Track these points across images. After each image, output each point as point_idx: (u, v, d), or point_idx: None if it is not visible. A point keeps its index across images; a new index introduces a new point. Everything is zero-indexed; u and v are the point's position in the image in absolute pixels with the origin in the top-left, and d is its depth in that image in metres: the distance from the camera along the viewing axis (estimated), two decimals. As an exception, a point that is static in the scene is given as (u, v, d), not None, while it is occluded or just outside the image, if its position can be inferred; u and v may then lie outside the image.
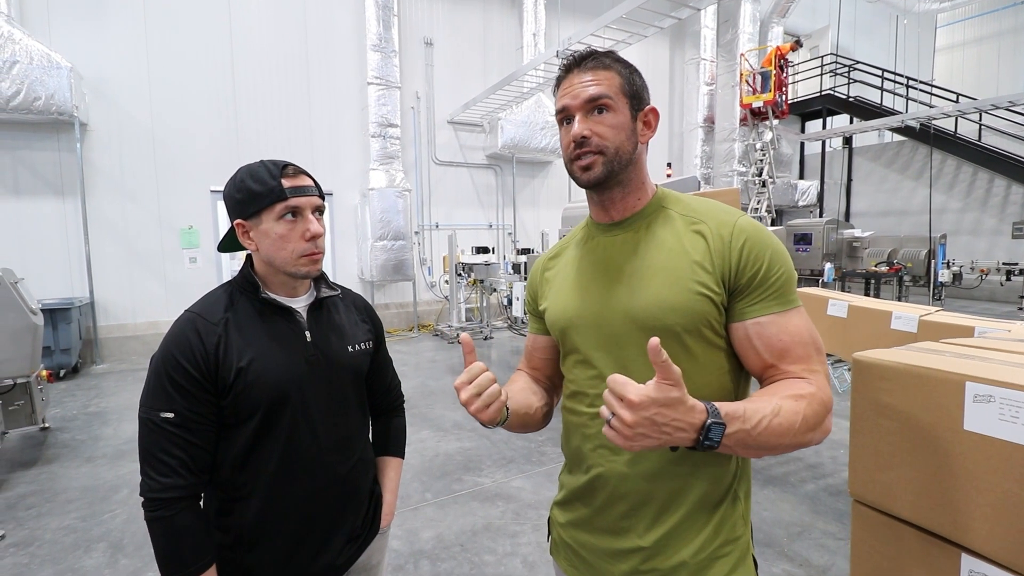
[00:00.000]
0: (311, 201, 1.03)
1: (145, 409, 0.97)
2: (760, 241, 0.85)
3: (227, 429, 1.01)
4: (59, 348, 5.53)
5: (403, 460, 1.35)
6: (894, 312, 2.65)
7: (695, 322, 0.85)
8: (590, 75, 0.87)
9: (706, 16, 10.83)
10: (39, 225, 6.30)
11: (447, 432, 4.04)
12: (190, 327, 0.99)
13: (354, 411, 1.16)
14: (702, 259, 0.86)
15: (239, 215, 1.02)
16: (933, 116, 9.72)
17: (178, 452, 0.95)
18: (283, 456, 1.03)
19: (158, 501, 0.95)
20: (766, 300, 0.84)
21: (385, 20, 7.71)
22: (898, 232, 11.08)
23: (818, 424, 0.78)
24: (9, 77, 5.50)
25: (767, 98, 9.93)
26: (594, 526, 0.95)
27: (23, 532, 2.71)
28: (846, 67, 12.11)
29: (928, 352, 1.33)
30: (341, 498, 1.12)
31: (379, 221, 7.60)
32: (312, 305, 1.12)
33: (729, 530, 0.91)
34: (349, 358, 1.14)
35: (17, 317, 3.34)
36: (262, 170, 1.00)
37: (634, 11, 5.32)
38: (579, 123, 0.87)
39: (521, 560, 2.43)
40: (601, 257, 0.95)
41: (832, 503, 2.89)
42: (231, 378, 0.98)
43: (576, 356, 0.96)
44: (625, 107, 0.88)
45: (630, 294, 0.89)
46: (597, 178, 0.88)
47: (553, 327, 1.00)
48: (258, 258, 1.06)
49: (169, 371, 0.96)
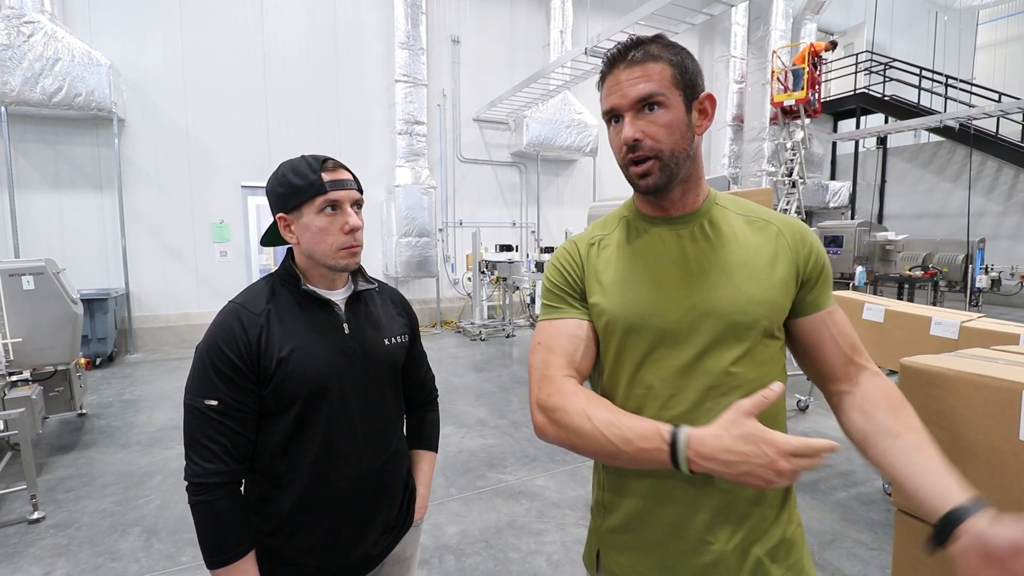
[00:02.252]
0: (350, 195, 1.04)
1: (190, 396, 0.99)
2: (815, 240, 0.92)
3: (268, 418, 1.03)
4: (96, 337, 5.72)
5: (436, 454, 1.37)
6: (934, 318, 2.57)
7: (779, 316, 0.88)
8: (638, 70, 0.81)
9: (737, 13, 10.63)
10: (78, 217, 6.52)
11: (470, 428, 4.05)
12: (234, 317, 1.01)
13: (390, 404, 1.18)
14: (778, 255, 0.88)
15: (281, 209, 1.04)
16: (973, 116, 9.38)
17: (221, 439, 0.98)
18: (321, 446, 1.05)
19: (202, 486, 0.97)
20: (826, 294, 0.91)
21: (414, 18, 7.76)
22: (933, 236, 10.71)
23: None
24: (52, 74, 5.69)
25: (799, 96, 9.68)
26: (668, 548, 0.89)
27: (62, 514, 2.81)
28: (882, 65, 11.75)
29: (980, 359, 1.28)
30: (377, 489, 1.13)
31: (404, 218, 7.66)
32: (350, 298, 1.14)
33: (795, 514, 0.94)
34: (386, 351, 1.15)
35: (59, 306, 3.45)
36: (303, 164, 1.02)
37: (665, 7, 5.23)
38: (629, 125, 0.82)
39: (546, 559, 2.43)
40: (666, 251, 0.89)
41: (864, 512, 2.81)
42: (272, 368, 1.00)
43: (645, 357, 0.88)
44: (679, 100, 0.82)
45: (713, 290, 0.85)
46: (656, 185, 0.84)
47: (615, 324, 0.89)
48: (299, 251, 1.08)
49: (214, 360, 0.98)
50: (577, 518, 2.77)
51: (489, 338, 7.62)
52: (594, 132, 9.19)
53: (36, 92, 5.66)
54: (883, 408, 0.84)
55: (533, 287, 7.27)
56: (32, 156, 6.27)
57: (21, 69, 5.58)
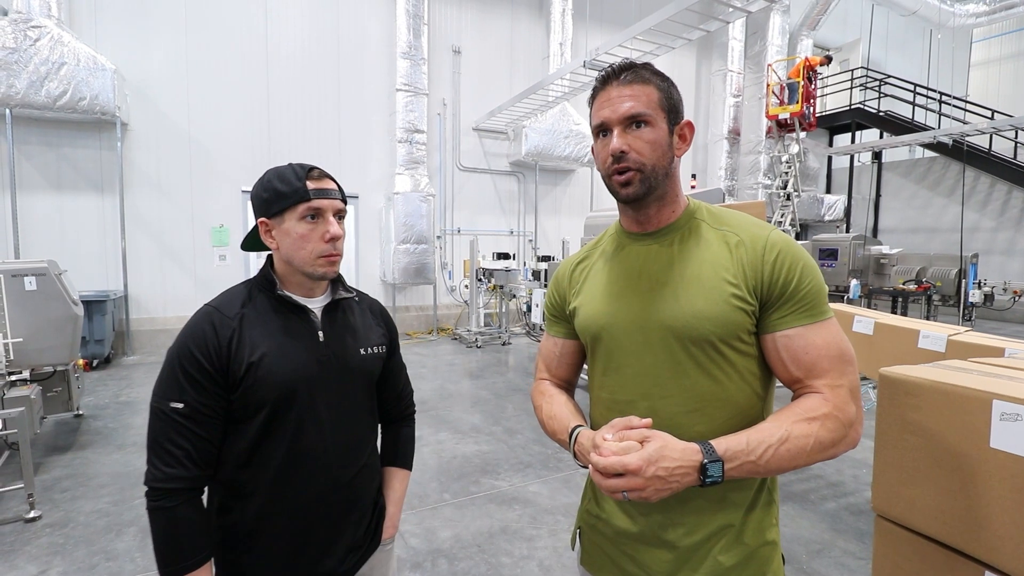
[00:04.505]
0: (333, 204, 1.04)
1: (156, 398, 0.98)
2: (791, 254, 0.88)
3: (234, 424, 1.01)
4: (94, 338, 5.74)
5: (410, 472, 1.33)
6: (922, 331, 2.63)
7: (730, 331, 0.87)
8: (629, 90, 0.88)
9: (734, 28, 10.78)
10: (78, 219, 6.56)
11: (465, 435, 4.08)
12: (206, 320, 1.01)
13: (363, 416, 1.15)
14: (736, 271, 0.88)
15: (263, 213, 1.04)
16: (967, 132, 9.51)
17: (184, 443, 0.96)
18: (287, 456, 1.02)
19: (161, 491, 0.95)
20: (795, 313, 0.86)
21: (415, 28, 7.87)
22: (927, 250, 10.81)
23: (836, 442, 0.82)
24: (57, 77, 5.75)
25: (794, 110, 9.81)
26: (633, 536, 0.97)
27: (59, 514, 2.83)
28: (877, 81, 11.91)
29: (955, 370, 1.33)
30: (344, 504, 1.10)
31: (403, 225, 7.72)
32: (327, 306, 1.13)
33: (764, 531, 0.94)
34: (361, 360, 1.14)
35: (61, 307, 3.49)
36: (289, 172, 1.02)
37: (663, 23, 5.34)
38: (618, 137, 0.88)
39: (537, 564, 2.46)
40: (635, 266, 0.97)
41: (853, 522, 2.85)
42: (242, 372, 0.98)
43: (607, 363, 0.98)
44: (663, 121, 0.89)
45: (665, 304, 0.91)
46: (636, 194, 0.90)
47: (585, 331, 1.01)
48: (278, 257, 1.08)
49: (183, 362, 0.97)
50: (569, 524, 2.80)
51: (485, 345, 7.65)
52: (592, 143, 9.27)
53: (41, 95, 5.72)
54: (787, 409, 0.86)
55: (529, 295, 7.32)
56: (35, 158, 6.31)
57: (27, 72, 5.64)
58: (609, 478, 0.78)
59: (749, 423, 0.87)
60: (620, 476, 0.77)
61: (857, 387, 0.86)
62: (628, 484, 0.76)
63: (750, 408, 0.91)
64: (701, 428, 0.88)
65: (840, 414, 0.82)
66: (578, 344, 1.09)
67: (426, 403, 4.77)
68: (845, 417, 0.82)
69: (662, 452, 0.77)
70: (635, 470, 0.76)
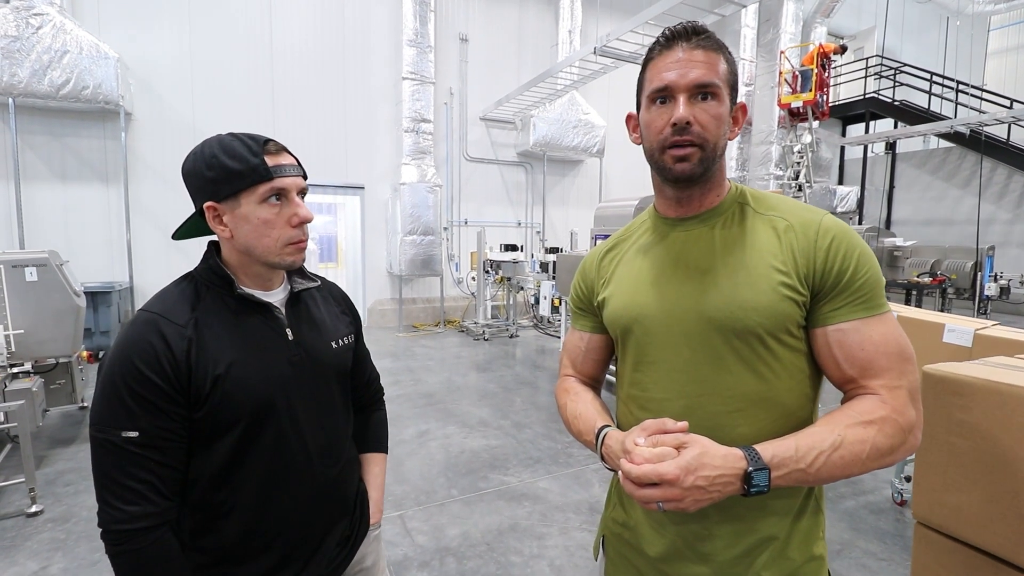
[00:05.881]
0: (296, 182, 0.91)
1: (100, 427, 0.82)
2: (847, 240, 0.79)
3: (202, 443, 0.89)
4: (99, 330, 5.71)
5: (386, 455, 1.27)
6: (947, 324, 2.52)
7: (778, 324, 0.79)
8: (701, 55, 0.78)
9: (747, 15, 10.57)
10: (83, 210, 6.51)
11: (473, 429, 4.01)
12: (152, 330, 0.85)
13: (340, 411, 1.07)
14: (785, 257, 0.79)
15: (210, 196, 0.88)
16: (984, 122, 9.27)
17: (145, 475, 0.83)
18: (269, 468, 0.93)
19: (125, 533, 0.81)
20: (851, 304, 0.78)
21: (422, 15, 7.74)
22: (942, 242, 10.62)
23: (894, 449, 0.73)
24: (60, 66, 5.68)
25: (807, 98, 9.58)
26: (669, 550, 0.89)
27: (61, 508, 2.79)
28: (892, 70, 11.66)
29: (1008, 368, 1.23)
30: (330, 502, 1.04)
31: (409, 216, 7.63)
32: (289, 299, 1.01)
33: (811, 545, 0.85)
34: (333, 355, 1.04)
35: (62, 298, 3.43)
36: (238, 145, 0.87)
37: (676, 7, 5.19)
38: (684, 106, 0.77)
39: (548, 563, 2.38)
40: (673, 252, 0.88)
41: (873, 521, 2.76)
42: (207, 387, 0.86)
43: (639, 357, 0.89)
44: (727, 98, 0.80)
45: (706, 293, 0.82)
46: (692, 172, 0.80)
47: (615, 323, 0.93)
48: (230, 247, 0.93)
49: (130, 383, 0.82)
50: (581, 522, 2.73)
51: (492, 338, 7.58)
52: (601, 133, 9.14)
53: (44, 84, 5.65)
54: (841, 411, 0.77)
55: (537, 287, 7.23)
56: (39, 148, 6.26)
57: (29, 61, 5.57)
58: (642, 488, 0.69)
59: (797, 427, 0.78)
60: (655, 486, 0.69)
61: (917, 388, 0.77)
62: (664, 495, 0.68)
63: (799, 409, 0.82)
64: (744, 431, 0.80)
65: (900, 418, 0.74)
66: (606, 339, 1.01)
67: (433, 396, 4.72)
68: (905, 421, 0.74)
69: (702, 460, 0.69)
70: (672, 480, 0.68)
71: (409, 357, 6.37)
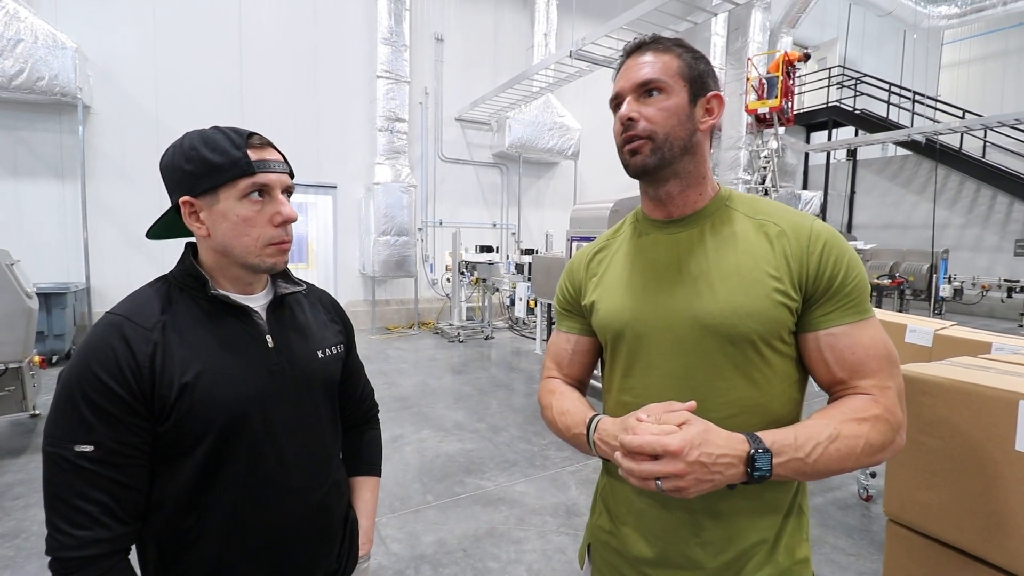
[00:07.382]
0: (281, 179, 0.85)
1: (52, 441, 0.75)
2: (838, 246, 0.80)
3: (166, 462, 0.81)
4: (53, 333, 5.44)
5: (379, 479, 1.17)
6: (909, 325, 2.60)
7: (772, 330, 0.79)
8: (650, 56, 0.83)
9: (717, 24, 10.81)
10: (37, 207, 6.20)
11: (448, 432, 3.96)
12: (114, 334, 0.78)
13: (327, 428, 0.98)
14: (778, 263, 0.80)
15: (187, 191, 0.82)
16: (939, 131, 9.71)
17: (100, 496, 0.75)
18: (243, 490, 0.84)
19: (75, 561, 0.73)
20: (842, 309, 0.79)
21: (397, 14, 7.65)
22: (900, 245, 11.09)
23: (885, 445, 0.75)
24: (13, 56, 5.39)
25: (773, 104, 9.85)
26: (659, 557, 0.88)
27: (10, 523, 2.63)
28: (853, 80, 12.11)
29: (975, 368, 1.27)
30: (315, 531, 0.94)
31: (383, 216, 7.52)
32: (272, 304, 0.94)
33: (796, 548, 0.86)
34: (319, 365, 0.96)
35: (11, 300, 3.25)
36: (220, 137, 0.82)
37: (649, 14, 5.26)
38: (626, 105, 0.83)
39: (526, 568, 2.36)
40: (662, 256, 0.88)
41: (841, 517, 2.83)
42: (172, 397, 0.78)
43: (631, 363, 0.88)
44: (683, 91, 0.82)
45: (700, 298, 0.82)
46: (645, 164, 0.82)
47: (605, 328, 0.92)
48: (206, 246, 0.86)
49: (86, 391, 0.75)
50: (558, 525, 2.72)
51: (467, 340, 7.53)
52: (576, 135, 9.20)
53: (-6, 74, 5.36)
54: (834, 407, 0.78)
55: (513, 289, 7.22)
56: (-12, 142, 5.94)
57: (-22, 50, 5.28)
58: (643, 462, 0.68)
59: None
60: (655, 459, 0.67)
61: (903, 390, 0.79)
62: (666, 469, 0.66)
63: (787, 415, 0.83)
64: None
65: (890, 417, 0.75)
66: (593, 341, 1.00)
67: (407, 399, 4.65)
68: (895, 420, 0.76)
69: (706, 436, 0.68)
70: (676, 451, 0.66)
71: (383, 360, 6.27)
